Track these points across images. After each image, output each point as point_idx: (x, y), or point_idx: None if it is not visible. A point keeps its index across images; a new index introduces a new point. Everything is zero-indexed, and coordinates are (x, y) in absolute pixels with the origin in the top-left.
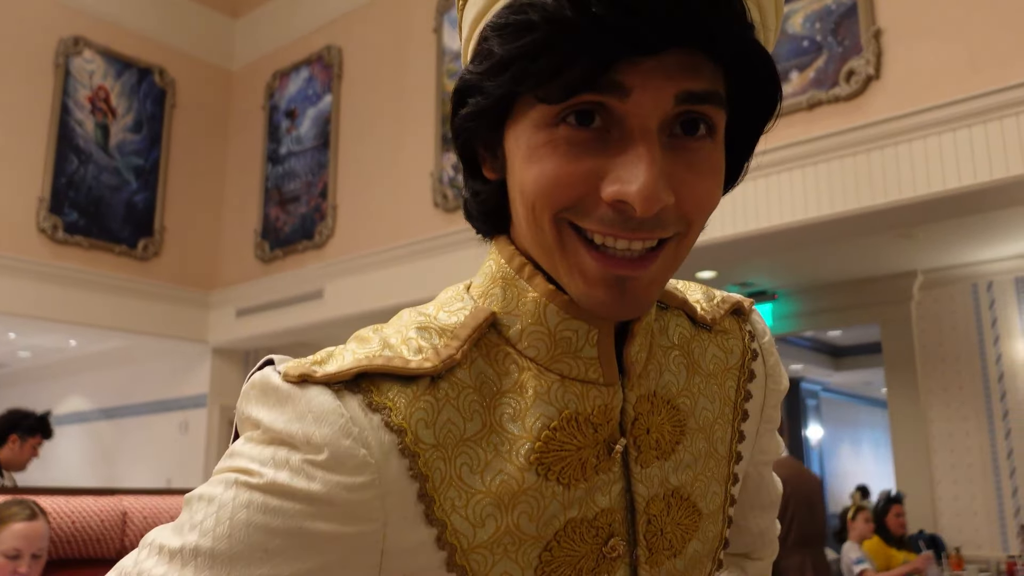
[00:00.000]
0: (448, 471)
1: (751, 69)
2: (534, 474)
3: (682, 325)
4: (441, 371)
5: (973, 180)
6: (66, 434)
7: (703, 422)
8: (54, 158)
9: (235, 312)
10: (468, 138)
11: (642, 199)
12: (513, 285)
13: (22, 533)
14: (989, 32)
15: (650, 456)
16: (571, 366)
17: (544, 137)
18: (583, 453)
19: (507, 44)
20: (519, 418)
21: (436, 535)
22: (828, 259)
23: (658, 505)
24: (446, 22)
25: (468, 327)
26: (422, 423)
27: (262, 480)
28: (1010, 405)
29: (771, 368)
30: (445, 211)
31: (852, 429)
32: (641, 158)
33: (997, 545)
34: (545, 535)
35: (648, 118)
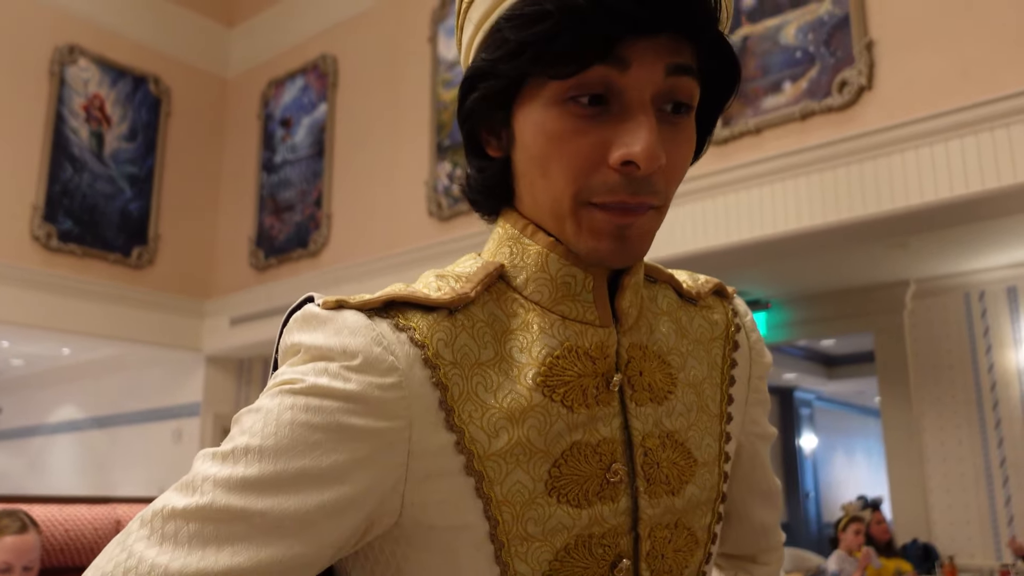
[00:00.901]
0: (465, 387)
1: (720, 52)
2: (540, 394)
3: (669, 297)
4: (457, 304)
5: (965, 190)
6: (59, 443)
7: (692, 379)
8: (48, 166)
9: (229, 320)
10: (475, 121)
11: (645, 157)
12: (518, 242)
13: (12, 547)
14: (981, 43)
15: (644, 396)
16: (571, 308)
17: (555, 113)
18: (583, 381)
19: (523, 31)
20: (526, 349)
21: (455, 440)
22: (821, 268)
23: (653, 441)
24: (441, 32)
25: (480, 273)
26: (442, 342)
27: (304, 385)
28: (1003, 414)
29: (754, 343)
30: (440, 220)
31: (845, 438)
32: (642, 125)
33: (991, 554)
34: (553, 452)
35: (644, 90)
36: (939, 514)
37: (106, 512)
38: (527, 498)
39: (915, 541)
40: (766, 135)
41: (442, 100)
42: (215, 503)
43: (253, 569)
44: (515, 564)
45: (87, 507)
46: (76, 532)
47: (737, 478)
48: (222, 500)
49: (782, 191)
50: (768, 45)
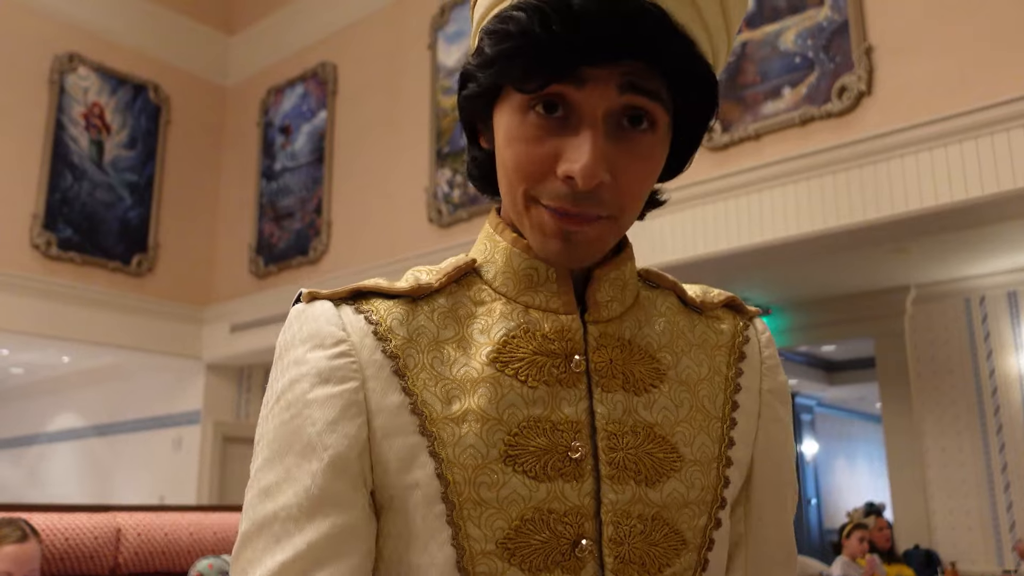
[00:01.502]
0: (420, 359)
1: (692, 79)
2: (492, 368)
3: (670, 302)
4: (417, 293)
5: (965, 195)
6: (59, 451)
7: (686, 378)
8: (48, 174)
9: (229, 328)
10: (468, 114)
11: (582, 175)
12: (492, 239)
13: (12, 556)
14: (979, 48)
15: (613, 384)
16: (534, 298)
17: (518, 120)
18: (538, 359)
19: (493, 46)
20: (486, 331)
21: (410, 402)
22: (821, 274)
23: (618, 427)
24: (440, 39)
25: (451, 267)
26: (396, 321)
27: (278, 390)
28: (1003, 419)
29: (766, 358)
30: (440, 226)
31: (847, 444)
32: (586, 141)
33: (992, 559)
34: (508, 422)
35: (596, 107)
36: (941, 520)
37: (106, 520)
38: (479, 462)
39: (917, 547)
40: (766, 141)
41: (442, 107)
42: (255, 519)
43: (305, 554)
44: (467, 527)
45: (87, 515)
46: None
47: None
48: (257, 514)
49: (782, 197)
50: (767, 51)
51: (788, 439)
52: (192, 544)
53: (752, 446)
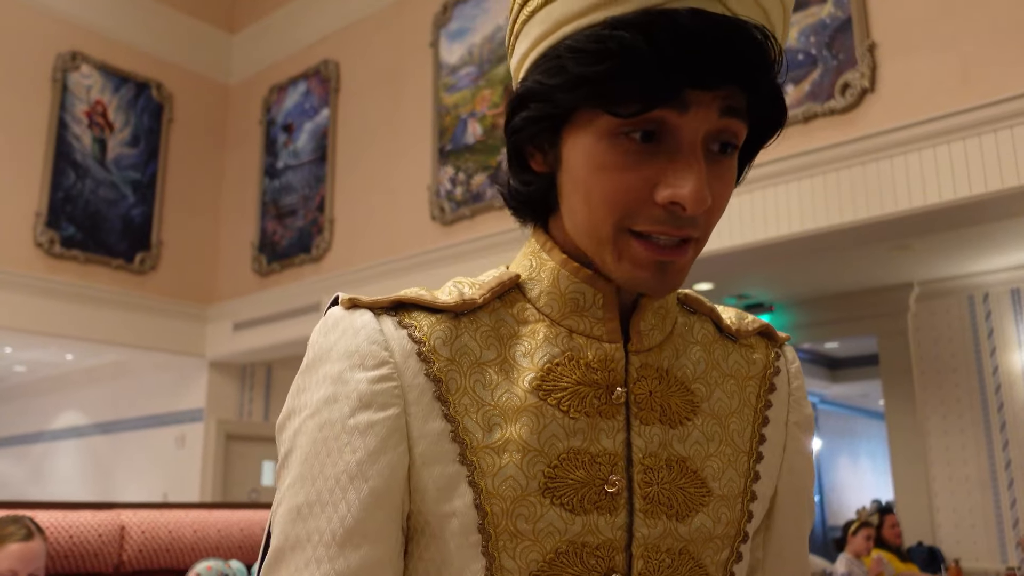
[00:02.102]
0: (462, 383)
1: (772, 99)
2: (535, 396)
3: (707, 329)
4: (461, 309)
5: (968, 192)
6: (62, 449)
7: (718, 411)
8: (51, 172)
9: (232, 326)
10: (522, 137)
11: (692, 200)
12: (538, 257)
13: (18, 555)
14: (983, 45)
15: (651, 416)
16: (578, 322)
17: (607, 146)
18: (581, 389)
19: (585, 66)
20: (529, 355)
21: (451, 430)
22: (824, 271)
23: (655, 461)
24: (443, 36)
25: (495, 282)
26: (440, 340)
27: (315, 405)
28: (1007, 416)
29: (794, 390)
30: (443, 224)
31: (850, 441)
32: (691, 166)
33: (996, 556)
34: (549, 453)
35: (697, 131)
36: (944, 517)
37: (110, 518)
38: (518, 494)
39: (920, 544)
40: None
41: (444, 104)
42: (288, 536)
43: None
44: (502, 558)
45: (91, 513)
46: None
47: (772, 551)
48: (290, 532)
49: (785, 194)
50: None
51: (809, 469)
52: (196, 541)
53: (776, 478)
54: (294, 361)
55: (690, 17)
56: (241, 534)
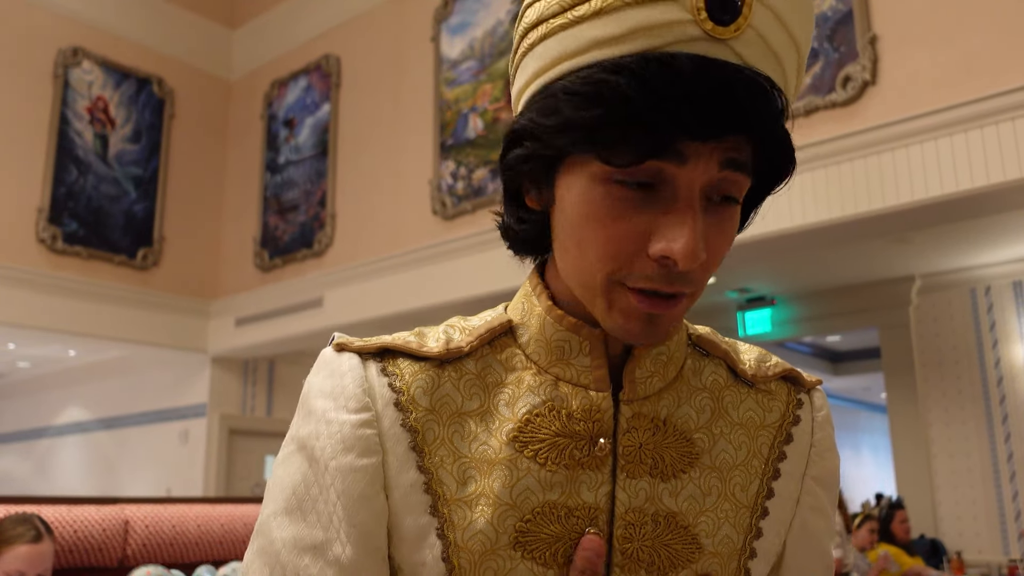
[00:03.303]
0: (440, 433)
1: (778, 148)
2: (511, 449)
3: (718, 374)
4: (446, 357)
5: (970, 185)
6: (66, 444)
7: (720, 463)
8: (53, 168)
9: (234, 321)
10: (516, 173)
11: (684, 256)
12: (529, 300)
13: (26, 556)
14: (984, 38)
15: (640, 470)
16: (565, 370)
17: (600, 192)
18: (560, 440)
19: (578, 110)
20: (511, 404)
21: (424, 481)
22: (826, 264)
23: (638, 517)
24: (444, 31)
25: (483, 328)
26: (420, 390)
27: (300, 440)
28: (1009, 409)
29: (817, 440)
30: (444, 219)
31: (852, 434)
32: (686, 221)
33: (998, 549)
34: (522, 507)
35: (696, 182)
36: (946, 510)
37: (114, 512)
38: (488, 548)
39: (922, 537)
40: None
41: (445, 99)
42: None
43: None
44: None
45: (95, 508)
46: (85, 533)
47: None
48: (275, 564)
49: (786, 187)
50: None
51: (828, 528)
52: (199, 536)
53: (784, 535)
54: (297, 356)
55: (690, 64)
56: (245, 529)
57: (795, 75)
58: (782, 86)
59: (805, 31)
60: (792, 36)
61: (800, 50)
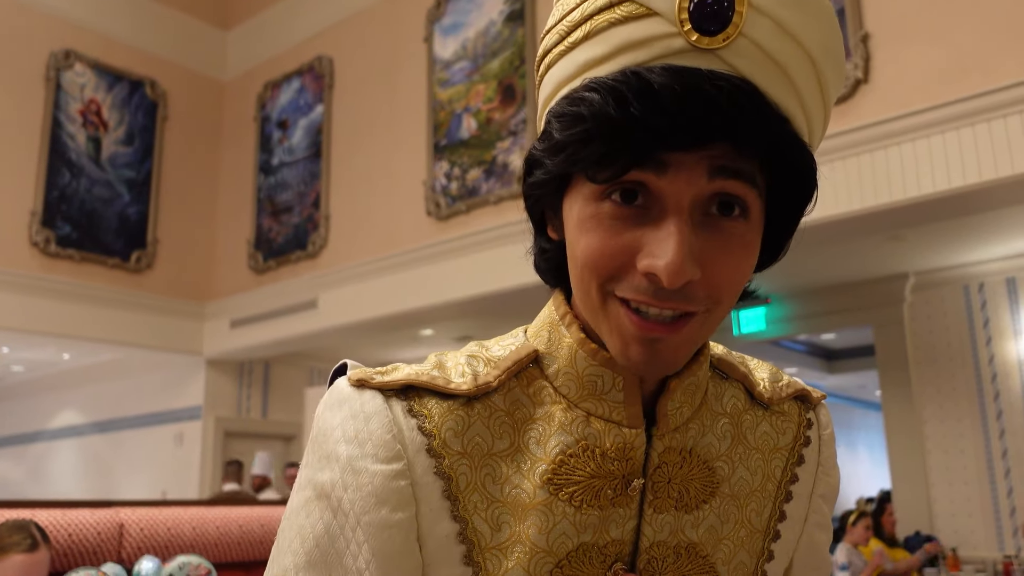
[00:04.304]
0: (473, 478)
1: (786, 159)
2: (545, 492)
3: (738, 397)
4: (476, 394)
5: (962, 182)
6: (61, 448)
7: (738, 490)
8: (46, 171)
9: (229, 323)
10: (535, 202)
11: (668, 273)
12: (556, 330)
13: (22, 566)
14: (976, 36)
15: (667, 504)
16: (597, 406)
17: (592, 210)
18: (595, 482)
19: (564, 131)
20: (542, 442)
21: (459, 530)
22: (820, 262)
23: (663, 551)
24: (437, 31)
25: (510, 360)
26: (451, 432)
27: (323, 487)
28: (1004, 405)
29: (824, 459)
30: (438, 219)
31: (847, 432)
32: (671, 235)
33: (993, 545)
34: (558, 552)
35: (682, 195)
36: (941, 506)
37: (109, 516)
38: None
39: (918, 533)
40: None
41: (438, 99)
42: None
43: None
44: None
45: (90, 511)
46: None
47: None
48: None
49: None
50: None
51: (828, 540)
52: (195, 539)
53: (792, 552)
54: (292, 358)
55: (664, 74)
56: (240, 531)
57: (813, 85)
58: (788, 96)
59: (820, 39)
60: (802, 45)
61: (815, 60)
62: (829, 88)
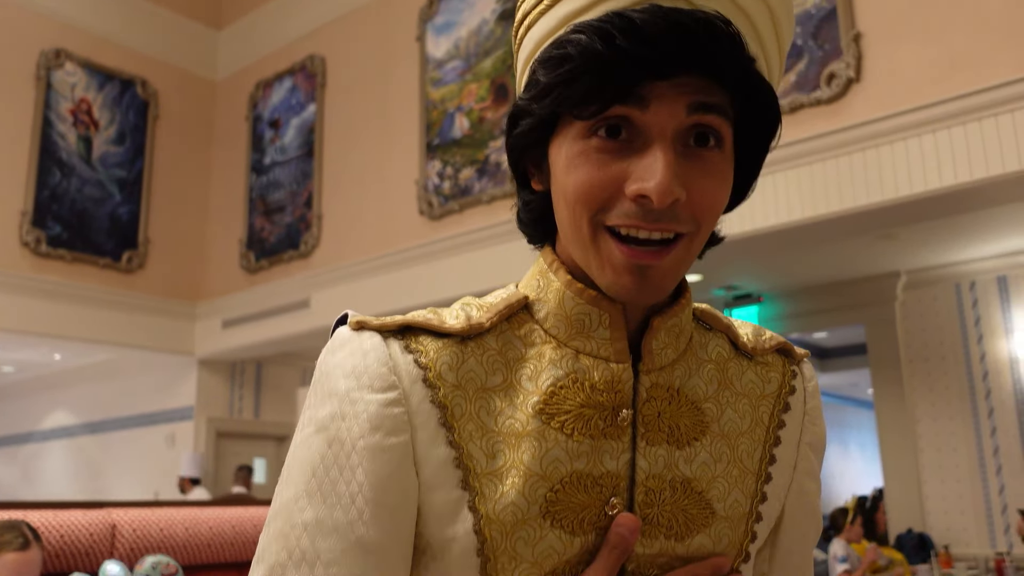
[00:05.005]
0: (467, 408)
1: (753, 94)
2: (538, 421)
3: (722, 347)
4: (468, 333)
5: (953, 181)
6: (52, 449)
7: (728, 431)
8: (36, 171)
9: (221, 323)
10: (519, 155)
11: (658, 192)
12: (545, 276)
13: (13, 565)
14: (967, 35)
15: (658, 437)
16: (585, 344)
17: (580, 147)
18: (586, 411)
19: (550, 74)
20: (534, 378)
21: (455, 456)
22: (812, 261)
23: (658, 483)
24: (429, 30)
25: (501, 304)
26: (446, 366)
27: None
28: (995, 403)
29: (810, 408)
30: (431, 219)
31: (840, 431)
32: (658, 159)
33: (985, 542)
34: (551, 477)
35: (664, 126)
36: (934, 504)
37: (101, 517)
38: (519, 518)
39: (910, 531)
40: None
41: (431, 99)
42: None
43: None
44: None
45: (82, 512)
46: (71, 537)
47: (776, 566)
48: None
49: (772, 184)
50: None
51: (818, 489)
52: (187, 539)
53: (783, 499)
54: (284, 358)
55: (644, 13)
56: (232, 531)
57: (771, 33)
58: (752, 42)
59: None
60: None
61: (773, 10)
62: (784, 38)
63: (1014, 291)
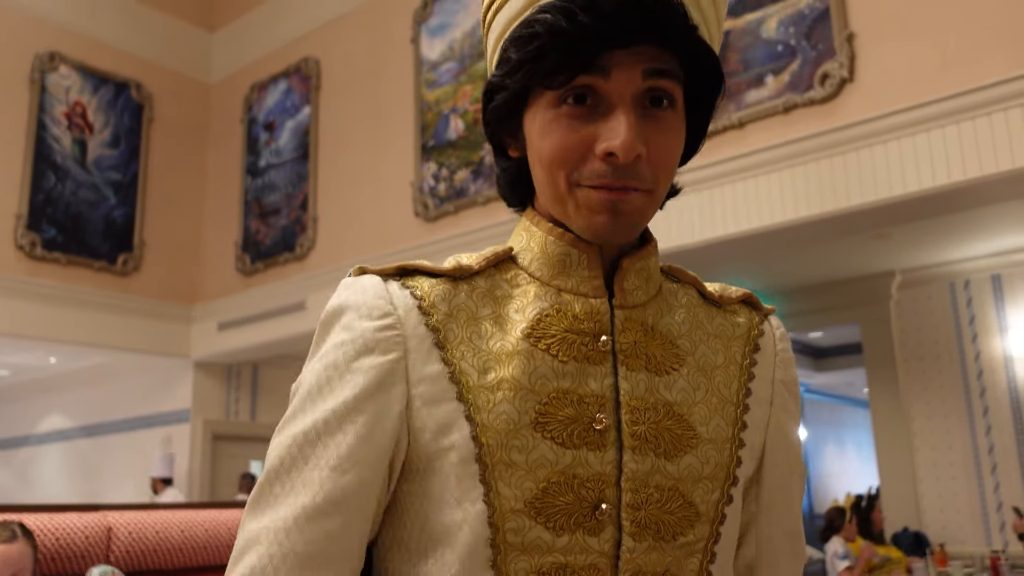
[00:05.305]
0: (460, 333)
1: (697, 59)
2: (526, 343)
3: (690, 295)
4: (459, 273)
5: (947, 180)
6: (48, 452)
7: (703, 364)
8: (31, 175)
9: (217, 326)
10: (496, 127)
11: (623, 148)
12: (528, 230)
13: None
14: (960, 34)
15: (637, 364)
16: (566, 281)
17: (551, 115)
18: (569, 336)
19: (520, 51)
20: (521, 310)
21: (449, 372)
22: (807, 261)
23: (640, 403)
24: (424, 32)
25: (490, 253)
26: (439, 298)
27: (325, 347)
28: (990, 402)
29: (781, 351)
30: (426, 220)
31: (835, 430)
32: (621, 121)
33: (981, 540)
34: (540, 391)
35: (624, 92)
36: (929, 502)
37: (97, 519)
38: (511, 427)
39: (906, 529)
40: (749, 129)
41: (426, 100)
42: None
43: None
44: (499, 486)
45: (78, 515)
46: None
47: (763, 506)
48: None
49: (766, 184)
50: (750, 39)
51: (796, 428)
52: (183, 542)
53: (764, 432)
54: (280, 360)
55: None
56: (229, 534)
57: (710, 4)
58: (695, 11)
59: None
60: None
61: None
62: (720, 6)
63: (1008, 290)
